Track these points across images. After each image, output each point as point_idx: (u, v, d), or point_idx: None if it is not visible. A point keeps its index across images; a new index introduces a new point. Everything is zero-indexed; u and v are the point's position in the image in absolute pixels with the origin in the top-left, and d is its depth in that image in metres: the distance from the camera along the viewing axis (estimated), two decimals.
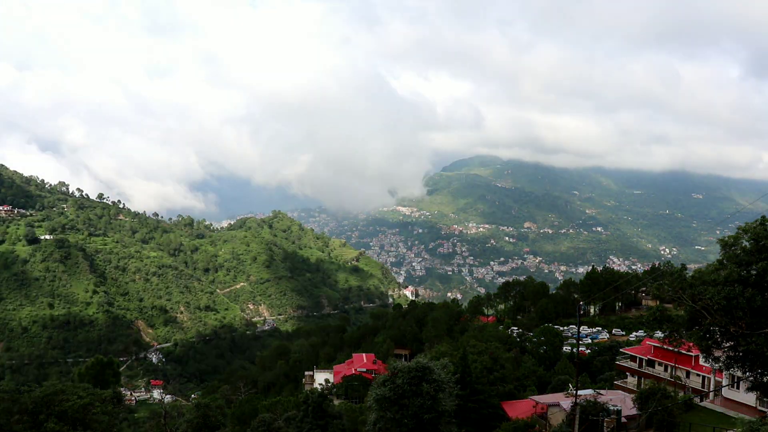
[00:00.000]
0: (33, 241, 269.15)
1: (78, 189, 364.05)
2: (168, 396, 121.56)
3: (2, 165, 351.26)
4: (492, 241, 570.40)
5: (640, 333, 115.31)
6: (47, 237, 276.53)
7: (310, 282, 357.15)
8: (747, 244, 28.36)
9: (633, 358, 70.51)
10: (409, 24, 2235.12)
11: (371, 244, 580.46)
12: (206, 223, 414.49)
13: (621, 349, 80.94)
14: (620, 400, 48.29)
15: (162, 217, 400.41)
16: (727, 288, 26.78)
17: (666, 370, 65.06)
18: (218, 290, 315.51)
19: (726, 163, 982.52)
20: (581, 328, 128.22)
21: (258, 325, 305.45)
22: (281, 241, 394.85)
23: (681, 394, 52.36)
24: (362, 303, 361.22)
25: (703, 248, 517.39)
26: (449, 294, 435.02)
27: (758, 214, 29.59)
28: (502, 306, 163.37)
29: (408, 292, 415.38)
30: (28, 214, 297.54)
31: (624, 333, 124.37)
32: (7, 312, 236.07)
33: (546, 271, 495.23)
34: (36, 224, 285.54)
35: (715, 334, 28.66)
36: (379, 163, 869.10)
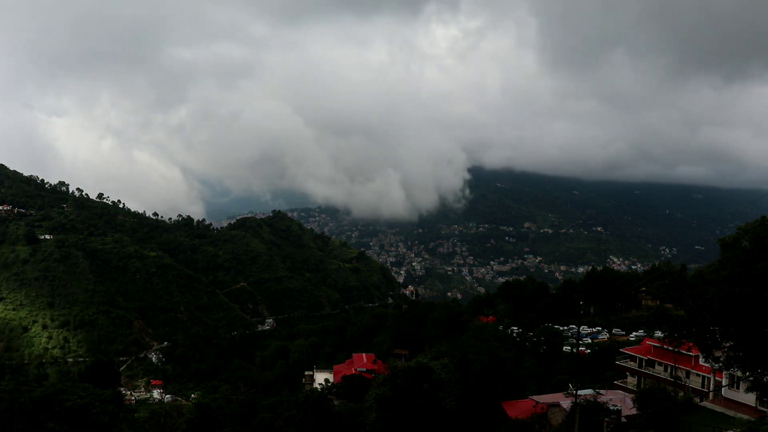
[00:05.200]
0: (33, 241, 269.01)
1: (78, 189, 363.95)
2: (168, 396, 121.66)
3: (2, 165, 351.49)
4: (492, 241, 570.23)
5: (640, 333, 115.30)
6: (47, 237, 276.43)
7: (310, 282, 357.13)
8: (747, 244, 28.38)
9: (633, 358, 70.57)
10: None
11: (371, 244, 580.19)
12: (206, 223, 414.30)
13: (621, 349, 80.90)
14: (620, 400, 48.34)
15: (162, 216, 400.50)
16: (727, 288, 26.79)
17: (666, 370, 65.08)
18: (218, 290, 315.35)
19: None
20: (581, 328, 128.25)
21: (258, 325, 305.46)
22: (281, 241, 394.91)
23: (681, 394, 52.38)
24: (362, 303, 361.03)
25: (703, 248, 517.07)
26: (449, 294, 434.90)
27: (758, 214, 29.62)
28: (502, 306, 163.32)
29: (408, 292, 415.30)
30: (28, 213, 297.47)
31: (624, 333, 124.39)
32: (7, 312, 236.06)
33: (546, 271, 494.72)
34: (36, 224, 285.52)
35: (715, 334, 28.68)
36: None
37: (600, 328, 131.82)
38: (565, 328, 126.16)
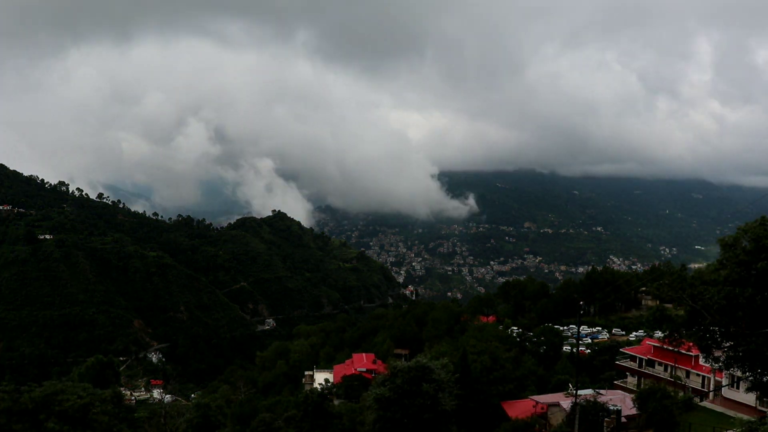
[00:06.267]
0: (33, 240, 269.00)
1: (78, 189, 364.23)
2: (168, 396, 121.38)
3: (2, 165, 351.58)
4: (492, 241, 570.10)
5: (640, 333, 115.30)
6: (47, 237, 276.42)
7: (310, 282, 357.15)
8: (747, 244, 28.35)
9: (633, 358, 70.59)
10: None
11: (371, 243, 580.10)
12: (206, 223, 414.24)
13: (621, 349, 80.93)
14: (620, 400, 48.33)
15: (161, 216, 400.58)
16: (727, 288, 26.75)
17: (666, 370, 65.09)
18: (218, 290, 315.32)
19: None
20: (581, 328, 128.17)
21: (258, 325, 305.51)
22: (281, 240, 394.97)
23: (681, 394, 52.39)
24: (362, 303, 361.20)
25: (703, 248, 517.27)
26: (449, 294, 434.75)
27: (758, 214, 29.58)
28: (502, 306, 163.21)
29: (408, 292, 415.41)
30: (28, 213, 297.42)
31: (624, 333, 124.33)
32: (7, 312, 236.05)
33: (546, 271, 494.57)
34: (36, 224, 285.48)
35: (715, 334, 28.66)
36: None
37: (600, 328, 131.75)
38: (565, 328, 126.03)
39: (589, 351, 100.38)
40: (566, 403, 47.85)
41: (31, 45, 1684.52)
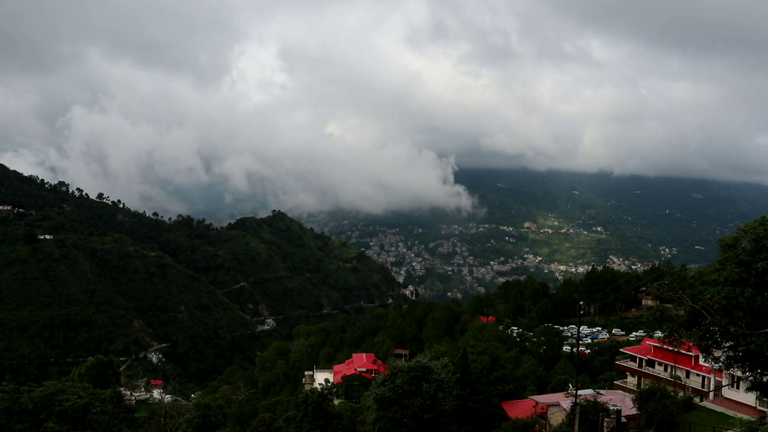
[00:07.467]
0: (33, 240, 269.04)
1: (78, 189, 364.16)
2: (168, 396, 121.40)
3: (2, 165, 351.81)
4: (492, 241, 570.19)
5: (640, 333, 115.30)
6: (47, 237, 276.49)
7: (310, 282, 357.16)
8: (747, 244, 28.36)
9: (633, 358, 70.56)
10: None
11: (371, 243, 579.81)
12: (206, 223, 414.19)
13: (621, 349, 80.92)
14: (620, 400, 48.32)
15: (161, 216, 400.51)
16: (727, 288, 26.74)
17: (666, 370, 65.08)
18: (218, 290, 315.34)
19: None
20: (581, 328, 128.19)
21: (258, 325, 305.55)
22: (281, 240, 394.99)
23: (681, 394, 52.41)
24: (362, 303, 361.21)
25: (703, 248, 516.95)
26: (449, 294, 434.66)
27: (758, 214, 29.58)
28: (502, 306, 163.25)
29: (408, 292, 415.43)
30: (28, 213, 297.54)
31: (624, 333, 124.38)
32: (7, 312, 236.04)
33: (546, 271, 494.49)
34: (36, 224, 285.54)
35: (715, 334, 28.65)
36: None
37: (600, 328, 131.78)
38: (565, 328, 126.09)
39: (589, 351, 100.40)
40: (566, 403, 47.82)
41: None
